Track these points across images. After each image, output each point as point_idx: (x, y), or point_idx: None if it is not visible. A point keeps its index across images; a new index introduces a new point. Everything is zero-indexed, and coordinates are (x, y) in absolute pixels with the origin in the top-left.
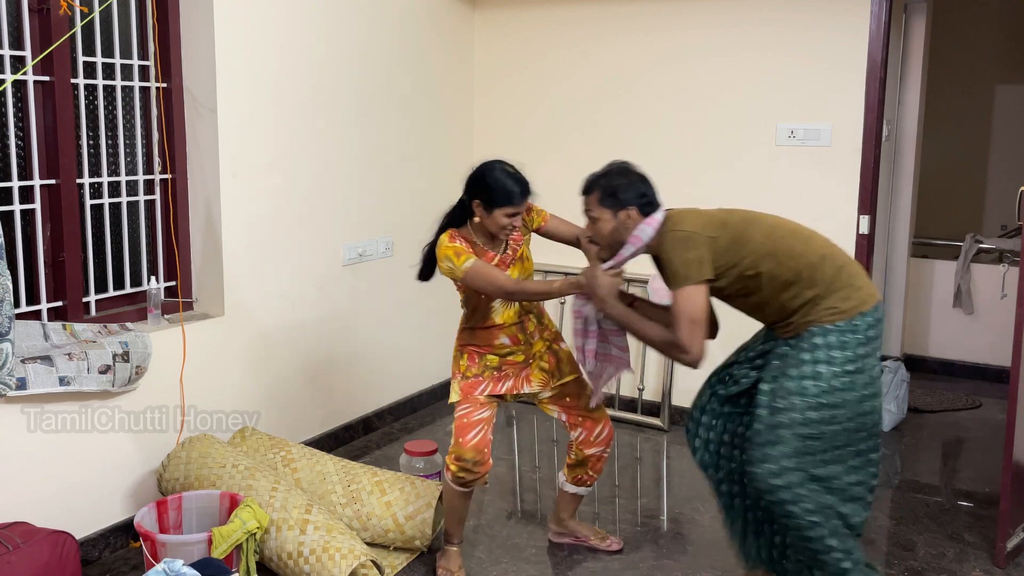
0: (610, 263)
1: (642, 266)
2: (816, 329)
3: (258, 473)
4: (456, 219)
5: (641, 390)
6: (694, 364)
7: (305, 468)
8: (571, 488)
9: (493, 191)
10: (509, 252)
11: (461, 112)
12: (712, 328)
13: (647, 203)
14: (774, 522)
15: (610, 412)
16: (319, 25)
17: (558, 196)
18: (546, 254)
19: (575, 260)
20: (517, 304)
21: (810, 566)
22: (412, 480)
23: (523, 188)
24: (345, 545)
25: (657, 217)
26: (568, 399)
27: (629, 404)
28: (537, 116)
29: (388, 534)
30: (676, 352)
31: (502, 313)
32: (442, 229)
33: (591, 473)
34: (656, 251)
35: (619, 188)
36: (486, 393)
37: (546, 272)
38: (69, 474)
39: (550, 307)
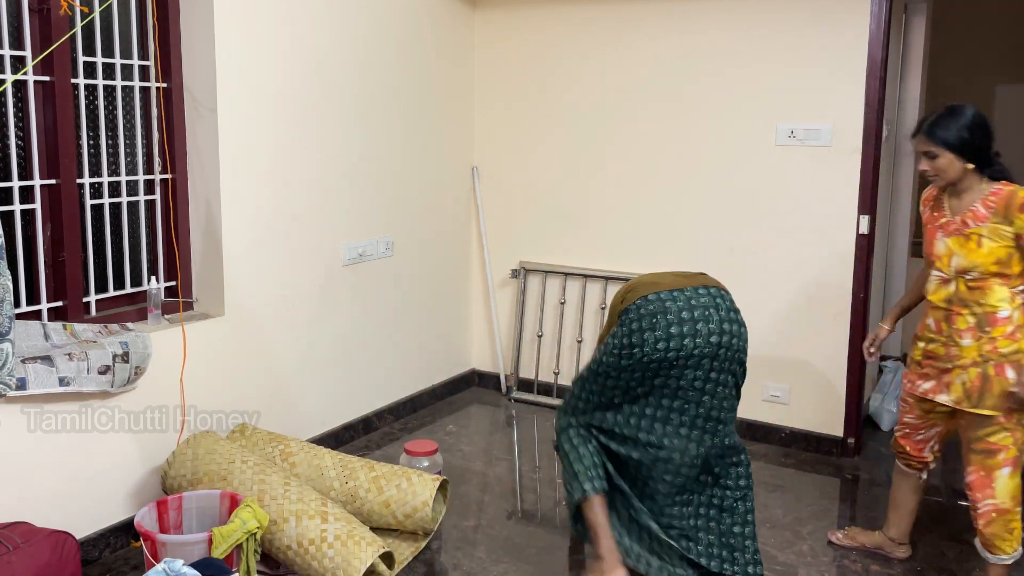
0: None
1: (636, 265)
2: None
3: (268, 469)
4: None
5: None
6: None
7: (303, 463)
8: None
9: None
10: (958, 220)
11: (461, 112)
12: None
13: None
14: None
15: None
16: (319, 26)
17: (558, 195)
18: (573, 257)
19: (595, 262)
20: (955, 286)
21: None
22: (409, 475)
23: (922, 123)
24: (368, 535)
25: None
26: (966, 431)
27: None
28: (537, 116)
29: (391, 528)
30: None
31: (935, 286)
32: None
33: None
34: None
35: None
36: (909, 391)
37: (587, 276)
38: (69, 474)
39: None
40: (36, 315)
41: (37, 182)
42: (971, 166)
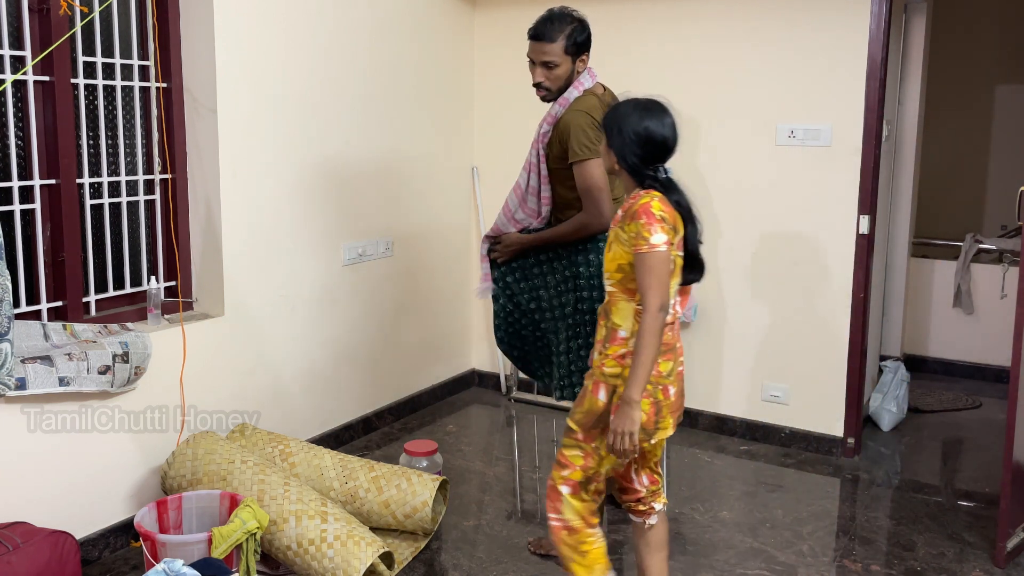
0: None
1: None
2: None
3: (268, 469)
4: None
5: None
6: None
7: (303, 462)
8: None
9: None
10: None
11: (461, 112)
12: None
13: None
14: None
15: None
16: (319, 26)
17: None
18: None
19: None
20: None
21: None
22: (408, 475)
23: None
24: (368, 535)
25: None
26: None
27: None
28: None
29: (391, 528)
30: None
31: None
32: None
33: None
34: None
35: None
36: None
37: None
38: (69, 474)
39: None
40: (36, 315)
41: (37, 182)
42: (617, 167)
